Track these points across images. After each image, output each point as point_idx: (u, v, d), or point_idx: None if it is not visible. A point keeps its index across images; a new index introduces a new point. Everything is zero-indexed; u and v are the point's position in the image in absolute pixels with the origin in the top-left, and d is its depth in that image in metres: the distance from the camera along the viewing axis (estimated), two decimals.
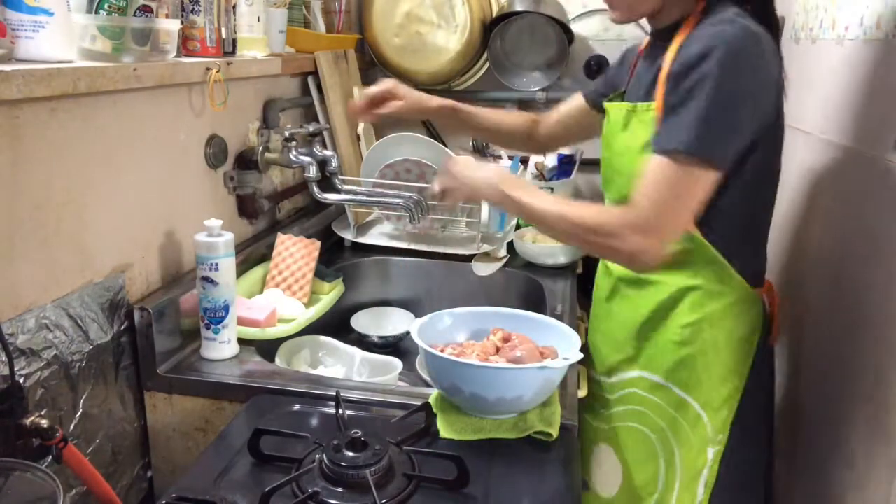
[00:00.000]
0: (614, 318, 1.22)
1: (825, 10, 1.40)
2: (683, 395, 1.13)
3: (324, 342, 1.33)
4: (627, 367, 1.19)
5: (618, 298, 1.21)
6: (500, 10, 1.98)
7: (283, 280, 1.37)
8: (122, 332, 1.06)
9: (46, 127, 0.90)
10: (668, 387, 1.14)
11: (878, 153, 1.10)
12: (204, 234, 1.10)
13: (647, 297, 1.14)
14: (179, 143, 1.20)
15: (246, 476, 0.85)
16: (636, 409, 1.17)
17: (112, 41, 0.96)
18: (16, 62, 0.84)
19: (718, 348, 1.11)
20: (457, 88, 2.12)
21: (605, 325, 1.25)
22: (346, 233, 1.72)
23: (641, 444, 1.18)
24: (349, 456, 0.82)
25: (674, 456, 1.15)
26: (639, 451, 1.18)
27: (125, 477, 1.10)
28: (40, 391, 0.91)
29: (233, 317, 1.13)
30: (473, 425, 0.94)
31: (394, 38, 1.97)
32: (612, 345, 1.22)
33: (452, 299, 1.49)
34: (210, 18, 1.19)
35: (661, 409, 1.15)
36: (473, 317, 1.10)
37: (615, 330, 1.21)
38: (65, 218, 0.95)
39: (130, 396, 1.09)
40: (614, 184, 1.16)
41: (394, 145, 1.63)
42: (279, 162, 1.44)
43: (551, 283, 1.54)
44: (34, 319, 0.89)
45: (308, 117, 1.73)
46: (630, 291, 1.17)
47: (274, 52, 1.45)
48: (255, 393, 1.05)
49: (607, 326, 1.24)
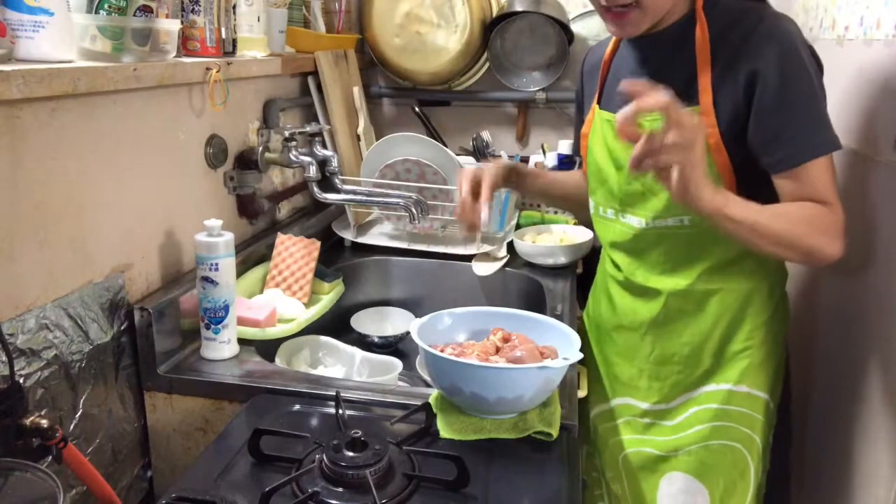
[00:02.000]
0: (673, 341, 1.16)
1: (825, 9, 1.40)
2: (764, 396, 1.13)
3: (324, 342, 1.33)
4: (699, 383, 1.16)
5: (675, 320, 1.15)
6: (500, 10, 1.98)
7: (283, 280, 1.37)
8: (122, 332, 1.06)
9: (46, 127, 0.90)
10: (751, 392, 1.13)
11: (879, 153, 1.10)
12: (204, 234, 1.10)
13: (715, 307, 1.12)
14: (179, 143, 1.20)
15: (246, 476, 0.85)
16: (718, 425, 1.14)
17: (112, 41, 0.96)
18: (16, 62, 0.84)
19: (778, 342, 1.15)
20: (457, 88, 2.12)
21: (649, 352, 1.19)
22: (346, 233, 1.72)
23: (729, 458, 1.15)
24: (349, 456, 0.82)
25: (761, 461, 1.15)
26: (728, 466, 1.15)
27: (125, 477, 1.10)
28: (40, 391, 0.91)
29: (233, 317, 1.13)
30: (473, 425, 0.94)
31: (394, 38, 1.97)
32: (672, 368, 1.17)
33: (452, 299, 1.49)
34: (210, 18, 1.19)
35: (747, 416, 1.13)
36: (473, 317, 1.10)
37: (676, 351, 1.16)
38: (65, 218, 0.95)
39: (130, 396, 1.09)
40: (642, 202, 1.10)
41: (394, 145, 1.63)
42: (279, 162, 1.44)
43: (551, 283, 1.54)
44: (34, 319, 0.89)
45: (308, 117, 1.73)
46: (690, 307, 1.13)
47: (274, 52, 1.45)
48: (255, 393, 1.05)
49: (661, 352, 1.17)
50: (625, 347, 1.23)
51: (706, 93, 1.01)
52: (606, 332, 1.27)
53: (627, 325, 1.21)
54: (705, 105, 1.01)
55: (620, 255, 1.20)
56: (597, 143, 1.18)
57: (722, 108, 1.01)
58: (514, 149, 2.15)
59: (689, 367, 1.16)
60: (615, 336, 1.25)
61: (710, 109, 1.01)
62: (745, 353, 1.13)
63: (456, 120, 2.16)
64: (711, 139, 1.00)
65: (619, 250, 1.20)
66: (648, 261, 1.15)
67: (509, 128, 2.16)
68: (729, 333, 1.13)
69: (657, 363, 1.18)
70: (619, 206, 1.15)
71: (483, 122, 2.14)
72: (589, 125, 1.22)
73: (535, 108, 2.12)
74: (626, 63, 1.15)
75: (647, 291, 1.16)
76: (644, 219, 1.11)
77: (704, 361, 1.15)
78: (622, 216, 1.15)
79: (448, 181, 1.61)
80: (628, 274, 1.19)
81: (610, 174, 1.15)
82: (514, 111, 2.15)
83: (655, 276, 1.15)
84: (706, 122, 1.00)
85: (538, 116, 2.14)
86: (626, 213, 1.14)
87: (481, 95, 2.10)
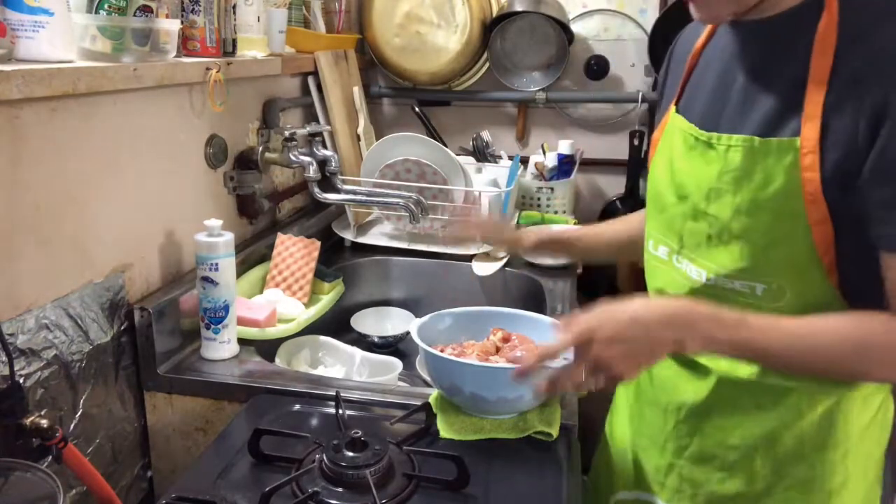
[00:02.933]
0: (717, 438, 0.91)
1: None
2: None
3: (324, 342, 1.33)
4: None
5: (724, 413, 0.90)
6: (500, 10, 1.98)
7: (283, 280, 1.37)
8: (122, 332, 1.06)
9: (46, 127, 0.90)
10: None
11: None
12: (204, 234, 1.10)
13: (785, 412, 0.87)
14: (179, 143, 1.20)
15: (246, 476, 0.85)
16: None
17: (112, 41, 0.96)
18: (16, 62, 0.84)
19: (870, 466, 0.92)
20: (457, 88, 2.12)
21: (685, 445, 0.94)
22: (346, 233, 1.72)
23: None
24: (349, 456, 0.82)
25: None
26: None
27: (125, 477, 1.10)
28: (40, 391, 0.91)
29: (233, 317, 1.13)
30: (473, 425, 0.94)
31: (394, 38, 1.97)
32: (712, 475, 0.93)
33: (452, 299, 1.49)
34: (210, 18, 1.19)
35: None
36: (473, 317, 1.10)
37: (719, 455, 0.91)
38: (65, 218, 0.95)
39: (130, 396, 1.09)
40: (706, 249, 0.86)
41: (394, 145, 1.63)
42: (279, 162, 1.44)
43: (551, 283, 1.54)
44: (34, 319, 0.89)
45: (308, 117, 1.73)
46: (747, 402, 0.88)
47: (274, 52, 1.45)
48: (255, 393, 1.04)
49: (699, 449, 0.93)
50: (656, 429, 0.98)
51: (812, 118, 0.74)
52: (641, 404, 1.04)
53: (664, 404, 0.97)
54: (808, 139, 0.74)
55: None
56: (662, 157, 0.93)
57: (831, 142, 0.73)
58: (515, 149, 2.15)
59: (734, 479, 0.90)
60: (647, 412, 1.01)
61: (814, 146, 0.74)
62: (822, 479, 0.87)
63: (456, 120, 2.16)
64: (809, 186, 0.75)
65: None
66: None
67: (509, 128, 2.16)
68: (799, 449, 0.87)
69: (693, 461, 0.94)
70: (677, 245, 0.90)
71: (483, 122, 2.14)
72: (661, 130, 0.96)
73: (535, 108, 2.12)
74: (718, 57, 0.88)
75: (695, 366, 0.92)
76: (705, 270, 0.86)
77: (758, 478, 0.89)
78: (678, 260, 0.90)
79: (448, 181, 1.61)
80: None
81: (669, 202, 0.90)
82: (514, 111, 2.15)
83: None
84: (805, 164, 0.74)
85: (538, 116, 2.14)
86: (683, 256, 0.89)
87: (481, 95, 2.10)
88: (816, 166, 0.74)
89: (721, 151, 0.78)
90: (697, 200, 0.85)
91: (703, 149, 0.85)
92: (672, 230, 0.91)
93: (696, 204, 0.86)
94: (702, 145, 0.85)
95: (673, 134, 0.92)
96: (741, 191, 0.80)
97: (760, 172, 0.78)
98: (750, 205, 0.79)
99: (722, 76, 0.86)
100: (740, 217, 0.80)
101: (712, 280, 0.85)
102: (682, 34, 1.00)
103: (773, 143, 0.77)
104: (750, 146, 0.79)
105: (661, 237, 0.93)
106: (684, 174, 0.88)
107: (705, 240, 0.85)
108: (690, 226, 0.87)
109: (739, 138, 0.79)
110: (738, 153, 0.75)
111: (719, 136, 0.82)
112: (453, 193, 1.63)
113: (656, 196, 0.94)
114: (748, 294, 0.83)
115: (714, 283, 0.85)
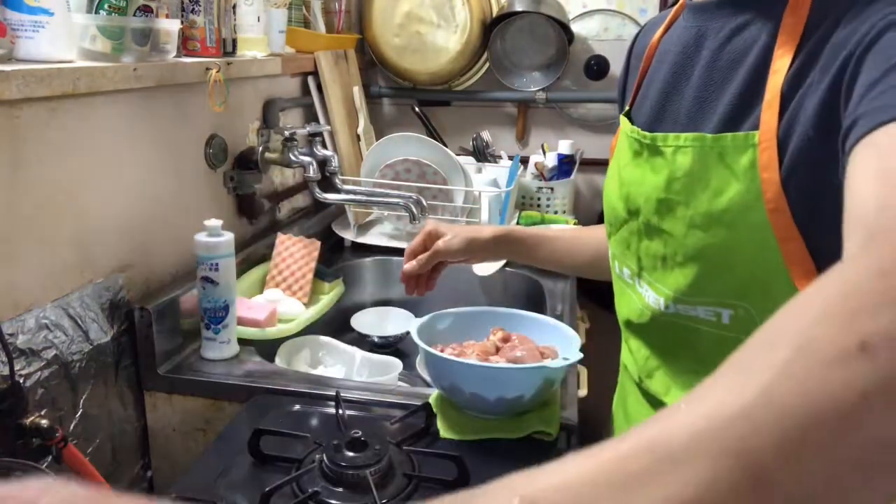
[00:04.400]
0: None
1: None
2: None
3: (324, 342, 1.33)
4: None
5: None
6: (500, 10, 1.98)
7: (283, 280, 1.37)
8: (122, 332, 1.06)
9: (46, 127, 0.90)
10: None
11: None
12: (204, 234, 1.10)
13: None
14: (179, 143, 1.20)
15: (246, 476, 0.85)
16: None
17: (112, 41, 0.96)
18: (16, 62, 0.84)
19: None
20: (457, 88, 2.12)
21: None
22: (346, 233, 1.72)
23: None
24: (349, 456, 0.82)
25: None
26: None
27: (125, 477, 1.10)
28: (40, 391, 0.91)
29: (233, 317, 1.13)
30: (473, 425, 0.94)
31: (394, 38, 1.97)
32: None
33: (452, 299, 1.48)
34: (210, 18, 1.19)
35: None
36: (473, 317, 1.10)
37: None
38: (65, 218, 0.95)
39: (130, 396, 1.09)
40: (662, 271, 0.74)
41: (394, 145, 1.63)
42: (279, 162, 1.44)
43: (551, 283, 1.54)
44: (34, 319, 0.89)
45: (308, 117, 1.73)
46: None
47: (274, 52, 1.45)
48: (255, 393, 1.04)
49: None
50: None
51: (771, 105, 0.62)
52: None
53: None
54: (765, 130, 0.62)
55: (637, 342, 0.84)
56: (613, 168, 0.85)
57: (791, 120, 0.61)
58: (515, 149, 2.15)
59: None
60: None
61: (771, 139, 0.61)
62: None
63: (456, 120, 2.16)
64: (769, 191, 0.62)
65: (635, 334, 0.84)
66: (675, 363, 0.78)
67: (509, 128, 2.16)
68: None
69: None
70: (636, 266, 0.79)
71: (483, 122, 2.14)
72: (616, 136, 0.87)
73: (535, 108, 2.12)
74: (673, 51, 0.76)
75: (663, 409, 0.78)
76: (662, 297, 0.75)
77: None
78: (639, 284, 0.79)
79: (448, 181, 1.61)
80: (643, 373, 0.83)
81: (621, 218, 0.81)
82: (514, 111, 2.15)
83: (679, 391, 0.77)
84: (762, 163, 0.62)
85: (538, 116, 2.14)
86: (643, 279, 0.78)
87: (481, 95, 2.10)
88: (775, 164, 0.61)
89: (668, 155, 0.68)
90: (648, 215, 0.74)
91: (649, 154, 0.74)
92: (629, 250, 0.80)
93: (647, 219, 0.75)
94: (647, 150, 0.74)
95: (622, 140, 0.82)
96: (693, 201, 0.68)
97: (714, 178, 0.66)
98: (704, 218, 0.67)
99: (675, 71, 0.75)
100: (695, 232, 0.68)
101: (671, 308, 0.74)
102: (641, 30, 0.91)
103: (727, 139, 0.65)
104: (700, 146, 0.67)
105: (621, 255, 0.83)
106: (632, 185, 0.77)
107: (660, 261, 0.74)
108: (645, 245, 0.76)
109: (688, 137, 0.68)
110: (688, 156, 0.65)
111: (665, 136, 0.71)
112: (453, 193, 1.63)
113: (610, 211, 0.84)
114: (713, 322, 0.71)
115: (673, 311, 0.74)
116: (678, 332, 0.74)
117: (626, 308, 0.84)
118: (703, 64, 0.71)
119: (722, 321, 0.70)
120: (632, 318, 0.83)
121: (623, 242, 0.82)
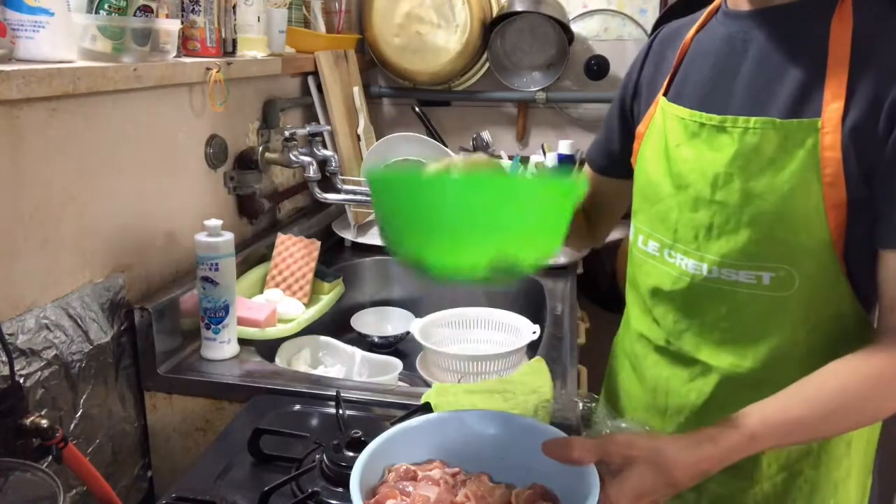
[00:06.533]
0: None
1: None
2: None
3: (324, 342, 1.33)
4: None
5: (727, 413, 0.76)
6: (500, 10, 1.98)
7: (283, 280, 1.37)
8: (122, 332, 1.06)
9: (46, 127, 0.90)
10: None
11: None
12: (204, 234, 1.10)
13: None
14: (179, 143, 1.20)
15: (246, 476, 0.85)
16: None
17: (112, 41, 0.96)
18: (16, 62, 0.84)
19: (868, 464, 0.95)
20: (457, 88, 2.12)
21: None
22: (346, 233, 1.72)
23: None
24: (349, 456, 0.81)
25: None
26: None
27: (125, 477, 1.10)
28: (40, 391, 0.91)
29: (233, 317, 1.13)
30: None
31: (394, 38, 1.97)
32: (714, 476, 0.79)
33: (452, 299, 1.49)
34: (210, 18, 1.19)
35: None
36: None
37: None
38: (65, 218, 0.95)
39: (130, 396, 1.09)
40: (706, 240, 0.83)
41: (394, 145, 1.63)
42: (279, 162, 1.44)
43: (551, 284, 1.53)
44: (34, 319, 0.89)
45: (308, 117, 1.73)
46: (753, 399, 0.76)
47: (274, 52, 1.45)
48: (255, 393, 1.04)
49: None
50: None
51: (836, 99, 0.74)
52: (635, 409, 0.99)
53: (662, 407, 0.93)
54: (829, 119, 0.74)
55: (664, 308, 0.91)
56: (652, 149, 0.91)
57: (852, 126, 0.73)
58: (515, 149, 2.15)
59: (738, 479, 0.87)
60: (642, 416, 0.96)
61: (836, 126, 0.73)
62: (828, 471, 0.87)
63: (456, 120, 2.16)
64: (829, 167, 0.74)
65: (662, 302, 0.91)
66: (703, 323, 0.87)
67: (509, 128, 2.16)
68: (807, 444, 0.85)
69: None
70: (670, 239, 0.87)
71: (483, 122, 2.14)
72: (647, 122, 0.93)
73: (535, 108, 2.12)
74: (716, 45, 0.86)
75: (694, 365, 0.88)
76: (706, 264, 0.83)
77: (763, 477, 0.86)
78: (670, 255, 0.88)
79: None
80: (671, 336, 0.90)
81: (665, 193, 0.88)
82: (514, 111, 2.15)
83: (709, 347, 0.86)
84: (825, 143, 0.74)
85: (538, 116, 2.14)
86: (676, 250, 0.87)
87: (481, 95, 2.10)
88: (838, 146, 0.73)
89: (736, 135, 0.77)
90: (701, 188, 0.83)
91: (710, 134, 0.82)
92: (665, 223, 0.88)
93: (698, 192, 0.83)
94: (709, 130, 0.82)
95: (666, 122, 0.89)
96: (755, 174, 0.78)
97: (779, 154, 0.76)
98: (765, 188, 0.77)
99: (722, 62, 0.84)
100: (752, 201, 0.78)
101: (714, 272, 0.83)
102: (662, 30, 0.99)
103: (794, 124, 0.75)
104: (770, 128, 0.77)
105: (652, 230, 0.90)
106: (684, 162, 0.85)
107: (705, 231, 0.83)
108: (688, 216, 0.85)
109: (759, 120, 0.77)
110: (756, 136, 0.75)
111: (735, 119, 0.79)
112: None
113: (647, 186, 0.91)
114: (753, 285, 0.81)
115: (716, 275, 0.83)
116: (713, 294, 0.84)
117: (653, 278, 0.91)
118: (758, 58, 0.81)
119: (762, 283, 0.80)
120: (662, 286, 0.90)
121: (658, 216, 0.89)
